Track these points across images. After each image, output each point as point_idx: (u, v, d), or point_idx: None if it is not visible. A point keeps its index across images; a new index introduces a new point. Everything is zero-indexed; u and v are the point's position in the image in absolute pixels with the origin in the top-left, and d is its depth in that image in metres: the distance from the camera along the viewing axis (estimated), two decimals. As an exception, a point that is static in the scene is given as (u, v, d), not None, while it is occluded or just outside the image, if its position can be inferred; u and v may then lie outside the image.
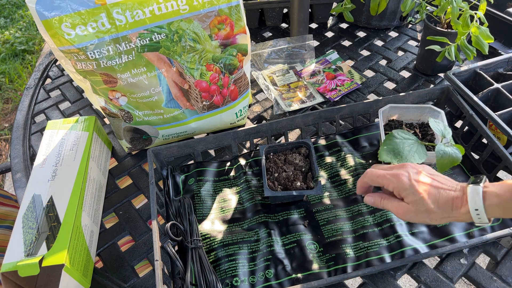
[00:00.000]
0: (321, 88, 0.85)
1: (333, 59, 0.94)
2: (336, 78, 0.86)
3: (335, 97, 0.82)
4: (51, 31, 0.54)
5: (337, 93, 0.83)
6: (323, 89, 0.84)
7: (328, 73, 0.88)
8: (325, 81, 0.86)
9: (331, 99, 0.82)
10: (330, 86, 0.84)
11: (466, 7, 0.65)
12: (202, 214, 0.62)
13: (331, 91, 0.84)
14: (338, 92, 0.84)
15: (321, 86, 0.85)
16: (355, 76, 0.88)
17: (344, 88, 0.84)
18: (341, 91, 0.84)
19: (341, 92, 0.83)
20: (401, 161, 0.57)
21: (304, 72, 0.88)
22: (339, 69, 0.89)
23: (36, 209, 0.55)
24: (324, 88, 0.85)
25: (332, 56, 0.94)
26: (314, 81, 0.86)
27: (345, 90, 0.84)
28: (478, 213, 0.44)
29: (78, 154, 0.62)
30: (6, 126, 2.02)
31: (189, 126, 0.73)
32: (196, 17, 0.59)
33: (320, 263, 0.55)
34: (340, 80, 0.86)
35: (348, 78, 0.87)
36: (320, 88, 0.85)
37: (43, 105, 0.89)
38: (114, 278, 0.58)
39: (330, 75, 0.87)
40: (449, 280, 0.54)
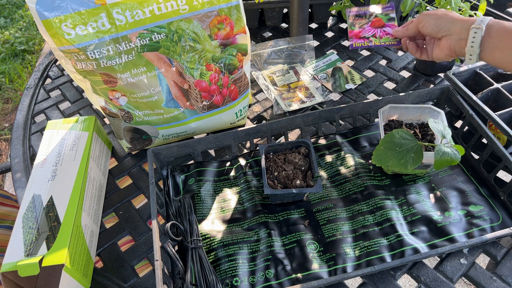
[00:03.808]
0: (352, 32, 0.71)
1: (332, 59, 0.94)
2: (384, 27, 0.70)
3: (359, 45, 0.70)
4: (51, 31, 0.54)
5: (364, 43, 0.70)
6: (354, 33, 0.71)
7: (378, 19, 0.72)
8: (365, 27, 0.71)
9: (351, 46, 0.70)
10: (365, 33, 0.70)
11: (466, 7, 0.65)
12: (202, 214, 0.62)
13: (360, 39, 0.70)
14: (366, 42, 0.70)
15: (354, 30, 0.72)
16: (355, 76, 0.88)
17: (379, 41, 0.69)
18: (371, 42, 0.70)
19: (369, 44, 0.69)
20: (397, 161, 0.58)
21: (351, 11, 0.74)
22: (392, 20, 0.71)
23: (36, 209, 0.55)
24: (356, 33, 0.71)
25: (332, 57, 0.94)
26: (351, 22, 0.72)
27: (378, 43, 0.69)
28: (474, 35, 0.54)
29: (78, 154, 0.62)
30: (6, 126, 2.02)
31: (189, 126, 0.73)
32: (196, 17, 0.59)
33: (320, 263, 0.55)
34: (384, 32, 0.70)
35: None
36: (351, 32, 0.72)
37: (43, 105, 0.89)
38: (114, 278, 0.58)
39: (378, 22, 0.71)
40: (449, 280, 0.54)
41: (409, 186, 0.63)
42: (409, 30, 0.64)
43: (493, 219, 0.58)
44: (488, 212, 0.59)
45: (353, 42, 0.70)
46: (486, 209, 0.59)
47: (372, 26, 0.71)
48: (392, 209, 0.60)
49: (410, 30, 0.64)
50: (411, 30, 0.63)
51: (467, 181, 0.64)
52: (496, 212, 0.59)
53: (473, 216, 0.59)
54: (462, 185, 0.63)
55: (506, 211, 0.59)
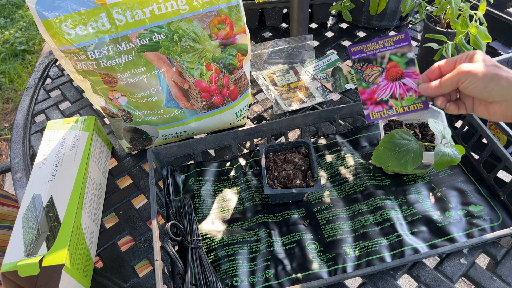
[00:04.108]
0: (365, 94, 0.56)
1: (332, 59, 0.94)
2: (403, 77, 0.55)
3: (377, 117, 0.55)
4: (51, 31, 0.54)
5: (384, 112, 0.55)
6: (367, 96, 0.56)
7: (394, 65, 0.55)
8: (379, 81, 0.55)
9: (368, 119, 0.55)
10: (381, 93, 0.55)
11: (466, 7, 0.65)
12: (202, 214, 0.62)
13: (377, 105, 0.55)
14: (386, 110, 0.55)
15: (366, 88, 0.56)
16: (355, 76, 0.88)
17: (401, 104, 0.54)
18: (391, 109, 0.55)
19: (390, 113, 0.55)
20: (397, 161, 0.57)
21: (354, 54, 0.56)
22: (412, 64, 0.54)
23: (36, 209, 0.55)
24: (369, 94, 0.56)
25: (332, 57, 0.94)
26: (359, 72, 0.56)
27: (401, 110, 0.55)
28: None
29: (78, 154, 0.62)
30: (6, 126, 2.02)
31: (189, 126, 0.73)
32: (196, 17, 0.59)
33: (320, 263, 0.55)
34: (405, 88, 0.54)
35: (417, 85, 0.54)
36: (363, 93, 0.56)
37: (43, 105, 0.89)
38: (114, 278, 0.58)
39: (395, 71, 0.55)
40: (449, 280, 0.54)
41: (409, 186, 0.63)
42: (443, 88, 0.50)
43: (493, 219, 0.58)
44: (488, 212, 0.59)
45: (369, 111, 0.55)
46: (486, 209, 0.59)
47: (388, 79, 0.55)
48: (392, 209, 0.60)
49: (445, 87, 0.50)
50: (447, 88, 0.50)
51: (467, 181, 0.64)
52: (496, 212, 0.59)
53: (473, 216, 0.59)
54: (462, 185, 0.63)
55: (506, 211, 0.59)
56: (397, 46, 0.55)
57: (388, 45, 0.55)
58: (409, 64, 0.54)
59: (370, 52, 0.56)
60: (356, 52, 0.56)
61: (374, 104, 0.55)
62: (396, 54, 0.55)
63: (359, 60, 0.56)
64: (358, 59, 0.56)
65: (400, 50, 0.55)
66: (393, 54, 0.55)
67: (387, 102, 0.55)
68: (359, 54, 0.56)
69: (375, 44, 0.55)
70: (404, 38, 0.55)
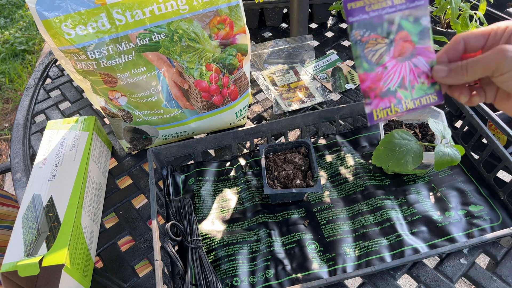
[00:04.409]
0: (368, 79, 0.40)
1: (332, 59, 0.94)
2: (415, 55, 0.41)
3: (383, 117, 0.41)
4: (51, 31, 0.54)
5: (392, 109, 0.41)
6: (370, 82, 0.40)
7: (405, 35, 0.40)
8: (386, 60, 0.40)
9: (371, 121, 0.41)
10: (388, 80, 0.40)
11: (466, 7, 0.65)
12: (202, 214, 0.62)
13: (383, 99, 0.40)
14: (395, 107, 0.41)
15: (369, 72, 0.40)
16: (355, 76, 0.88)
17: (411, 96, 0.41)
18: (400, 105, 0.41)
19: (399, 110, 0.41)
20: (397, 161, 0.57)
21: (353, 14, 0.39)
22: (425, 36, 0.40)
23: (36, 209, 0.55)
24: (373, 81, 0.40)
25: (332, 57, 0.94)
26: (359, 43, 0.39)
27: (411, 106, 0.41)
28: None
29: (78, 154, 0.62)
30: (6, 126, 2.02)
31: (189, 126, 0.73)
32: (195, 17, 0.59)
33: (320, 262, 0.55)
34: (416, 71, 0.41)
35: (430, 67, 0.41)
36: (365, 78, 0.40)
37: (43, 105, 0.89)
38: (114, 278, 0.58)
39: (406, 45, 0.40)
40: (449, 280, 0.54)
41: (409, 186, 0.63)
42: (470, 74, 0.37)
43: (493, 219, 0.58)
44: (488, 212, 0.59)
45: (373, 108, 0.40)
46: (486, 209, 0.59)
47: (397, 57, 0.40)
48: (392, 209, 0.60)
49: (472, 74, 0.37)
50: (475, 74, 0.37)
51: (467, 181, 0.64)
52: (496, 212, 0.59)
53: (473, 216, 0.59)
54: (462, 185, 0.63)
55: (506, 211, 0.59)
56: (411, 5, 0.39)
57: (399, 3, 0.39)
58: (423, 35, 0.40)
59: (374, 12, 0.39)
60: (356, 10, 0.38)
61: (379, 97, 0.40)
62: (408, 18, 0.39)
63: (360, 25, 0.39)
64: (358, 23, 0.38)
65: (414, 12, 0.39)
66: (404, 19, 0.39)
67: (395, 93, 0.40)
68: (360, 14, 0.38)
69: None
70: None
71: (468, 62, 0.37)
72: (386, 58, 0.40)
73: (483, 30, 0.38)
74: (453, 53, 0.39)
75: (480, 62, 0.36)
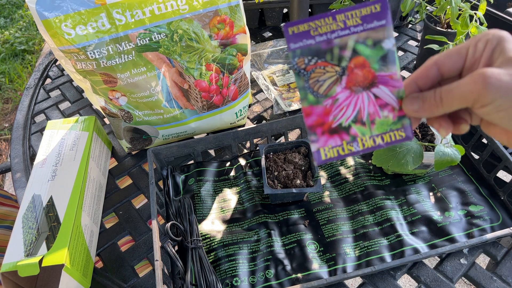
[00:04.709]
0: (313, 113, 0.34)
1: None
2: (376, 84, 0.34)
3: (333, 156, 0.34)
4: (51, 31, 0.54)
5: (344, 147, 0.35)
6: (316, 118, 0.34)
7: (361, 61, 0.34)
8: (336, 92, 0.34)
9: (318, 161, 0.34)
10: (339, 115, 0.34)
11: (466, 7, 0.65)
12: (202, 214, 0.62)
13: (333, 136, 0.34)
14: (348, 146, 0.34)
15: (315, 105, 0.34)
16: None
17: (371, 132, 0.34)
18: (355, 143, 0.34)
19: (353, 149, 0.35)
20: (397, 161, 0.57)
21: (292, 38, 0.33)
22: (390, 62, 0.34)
23: (36, 209, 0.55)
24: (320, 116, 0.34)
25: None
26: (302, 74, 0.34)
27: (370, 145, 0.34)
28: None
29: (78, 154, 0.62)
30: (6, 126, 2.02)
31: (189, 126, 0.73)
32: (195, 17, 0.59)
33: (320, 263, 0.55)
34: (377, 103, 0.34)
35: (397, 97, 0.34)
36: (309, 113, 0.34)
37: (43, 105, 0.88)
38: (114, 278, 0.58)
39: (364, 74, 0.34)
40: (449, 280, 0.54)
41: (409, 186, 0.63)
42: (446, 106, 0.30)
43: (493, 219, 0.58)
44: (488, 212, 0.59)
45: (320, 146, 0.34)
46: (486, 209, 0.59)
47: (352, 87, 0.34)
48: (392, 209, 0.60)
49: (448, 105, 0.30)
50: (452, 106, 0.30)
51: (467, 181, 0.64)
52: (496, 212, 0.59)
53: (473, 216, 0.59)
54: (462, 185, 0.63)
55: (506, 211, 0.59)
56: (369, 26, 0.32)
57: (353, 24, 0.33)
58: (386, 61, 0.33)
59: (321, 36, 0.33)
60: (299, 36, 0.33)
61: (328, 133, 0.34)
62: (366, 42, 0.33)
63: (304, 51, 0.33)
64: (302, 50, 0.33)
65: (373, 34, 0.33)
66: (360, 43, 0.33)
67: (348, 129, 0.34)
68: (303, 39, 0.33)
69: (330, 20, 0.33)
70: (380, 12, 0.32)
71: (442, 91, 0.30)
72: (337, 89, 0.34)
73: (459, 47, 0.31)
74: (424, 80, 0.32)
75: (455, 92, 0.29)
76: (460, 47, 0.31)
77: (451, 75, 0.32)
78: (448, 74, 0.32)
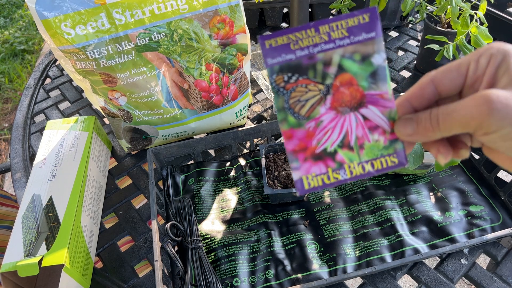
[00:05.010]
0: (294, 138, 0.30)
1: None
2: (364, 105, 0.30)
3: (317, 186, 0.30)
4: (50, 30, 0.54)
5: (330, 176, 0.31)
6: (297, 142, 0.30)
7: (348, 79, 0.30)
8: (323, 111, 0.30)
9: (300, 191, 0.30)
10: (323, 140, 0.30)
11: (467, 6, 0.65)
12: (202, 214, 0.62)
13: (316, 162, 0.30)
14: (334, 174, 0.31)
15: (296, 128, 0.30)
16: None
17: (359, 158, 0.31)
18: (342, 171, 0.31)
19: (340, 178, 0.31)
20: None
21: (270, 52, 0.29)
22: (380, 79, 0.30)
23: (35, 209, 0.55)
24: (301, 140, 0.30)
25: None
26: (281, 92, 0.30)
27: (359, 172, 0.31)
28: None
29: (78, 154, 0.62)
30: (6, 126, 2.01)
31: (189, 126, 0.72)
32: (195, 17, 0.59)
33: (321, 263, 0.55)
34: (366, 125, 0.30)
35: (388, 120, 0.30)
36: (289, 137, 0.30)
37: (42, 105, 0.88)
38: (113, 278, 0.58)
39: (350, 93, 0.30)
40: (449, 281, 0.54)
41: (409, 186, 0.63)
42: (443, 130, 0.27)
43: (494, 219, 0.58)
44: (489, 212, 0.59)
45: (302, 175, 0.31)
46: (486, 209, 0.59)
47: (337, 108, 0.30)
48: (392, 209, 0.60)
49: (446, 129, 0.26)
50: (450, 130, 0.26)
51: (468, 181, 0.64)
52: (496, 212, 0.59)
53: (473, 216, 0.58)
54: (462, 185, 0.63)
55: (506, 211, 0.59)
56: (357, 39, 0.29)
57: (338, 37, 0.29)
58: (376, 78, 0.30)
59: (303, 51, 0.29)
60: (277, 49, 0.29)
61: (312, 159, 0.30)
62: (353, 57, 0.29)
63: (283, 68, 0.29)
64: (281, 66, 0.29)
65: (361, 48, 0.29)
66: (347, 58, 0.29)
67: (334, 155, 0.30)
68: (283, 54, 0.29)
69: (313, 32, 0.29)
70: (369, 23, 0.29)
71: (439, 114, 0.26)
72: (321, 110, 0.30)
73: (459, 63, 0.27)
74: (420, 100, 0.29)
75: (455, 115, 0.25)
76: (460, 62, 0.27)
77: (450, 93, 0.28)
78: (446, 93, 0.28)
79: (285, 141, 0.30)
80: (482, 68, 0.26)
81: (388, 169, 0.31)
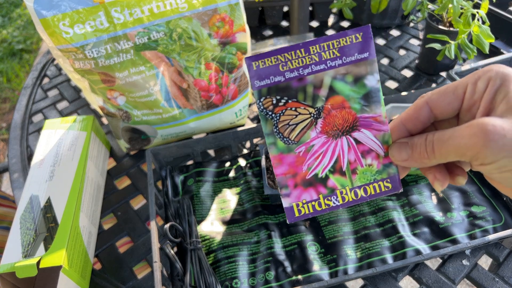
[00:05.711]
0: (283, 164, 0.30)
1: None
2: (356, 131, 0.30)
3: (308, 213, 0.31)
4: (49, 29, 0.53)
5: (322, 202, 0.30)
6: (289, 165, 0.30)
7: (339, 102, 0.29)
8: (313, 135, 0.30)
9: (290, 218, 0.30)
10: (314, 165, 0.30)
11: (468, 5, 0.64)
12: (201, 215, 0.62)
13: (308, 188, 0.30)
14: (325, 201, 0.30)
15: (285, 153, 0.29)
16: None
17: (351, 184, 0.30)
18: (334, 197, 0.30)
19: (332, 204, 0.30)
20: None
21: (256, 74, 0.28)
22: (374, 101, 0.29)
23: (33, 210, 0.54)
24: (292, 162, 0.30)
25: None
26: (269, 117, 0.29)
27: (351, 198, 0.30)
28: None
29: (76, 154, 0.62)
30: (4, 126, 2.01)
31: (188, 126, 0.72)
32: (195, 15, 0.59)
33: (321, 264, 0.55)
34: (358, 150, 0.30)
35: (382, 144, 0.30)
36: (281, 160, 0.29)
37: (40, 104, 0.88)
38: (112, 279, 0.57)
39: (342, 116, 0.29)
40: (451, 282, 0.53)
41: (411, 186, 0.63)
42: (438, 157, 0.26)
43: (496, 220, 0.58)
44: (491, 213, 0.58)
45: (293, 202, 0.30)
46: (488, 210, 0.59)
47: (329, 132, 0.30)
48: (393, 210, 0.60)
49: (441, 156, 0.26)
50: (446, 157, 0.26)
51: (469, 181, 0.63)
52: (498, 213, 0.58)
53: (475, 217, 0.58)
54: (464, 185, 0.63)
55: (508, 212, 0.59)
56: (349, 59, 0.28)
57: (329, 57, 0.28)
58: (369, 100, 0.29)
59: (292, 72, 0.28)
60: (265, 71, 0.28)
61: (302, 186, 0.30)
62: (345, 78, 0.28)
63: (271, 90, 0.28)
64: (269, 89, 0.28)
65: (353, 69, 0.28)
66: (338, 79, 0.28)
67: (325, 181, 0.30)
68: (271, 76, 0.28)
69: (302, 52, 0.28)
70: (363, 43, 0.28)
71: (434, 141, 0.26)
72: (312, 134, 0.30)
73: (456, 86, 0.26)
74: (415, 123, 0.28)
75: (450, 143, 0.24)
76: (457, 84, 0.26)
77: (447, 116, 0.28)
78: (442, 116, 0.27)
79: (274, 167, 0.30)
80: (479, 92, 0.26)
81: (382, 195, 0.30)
